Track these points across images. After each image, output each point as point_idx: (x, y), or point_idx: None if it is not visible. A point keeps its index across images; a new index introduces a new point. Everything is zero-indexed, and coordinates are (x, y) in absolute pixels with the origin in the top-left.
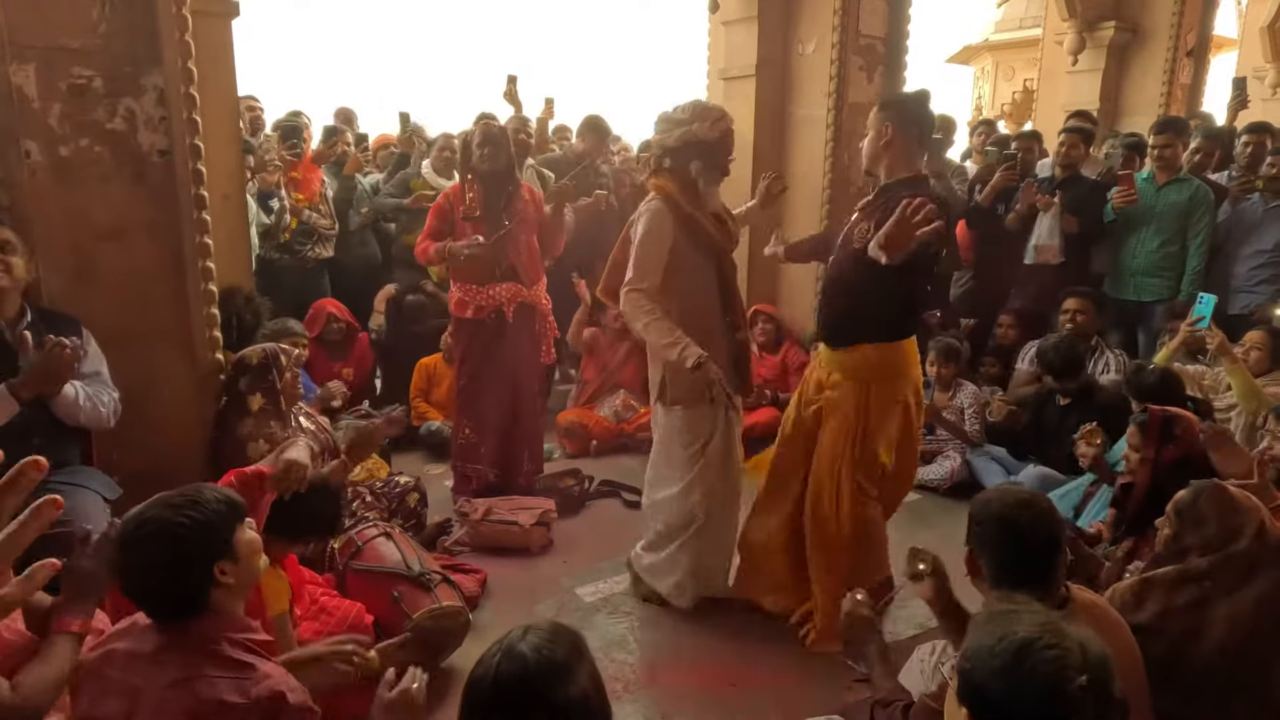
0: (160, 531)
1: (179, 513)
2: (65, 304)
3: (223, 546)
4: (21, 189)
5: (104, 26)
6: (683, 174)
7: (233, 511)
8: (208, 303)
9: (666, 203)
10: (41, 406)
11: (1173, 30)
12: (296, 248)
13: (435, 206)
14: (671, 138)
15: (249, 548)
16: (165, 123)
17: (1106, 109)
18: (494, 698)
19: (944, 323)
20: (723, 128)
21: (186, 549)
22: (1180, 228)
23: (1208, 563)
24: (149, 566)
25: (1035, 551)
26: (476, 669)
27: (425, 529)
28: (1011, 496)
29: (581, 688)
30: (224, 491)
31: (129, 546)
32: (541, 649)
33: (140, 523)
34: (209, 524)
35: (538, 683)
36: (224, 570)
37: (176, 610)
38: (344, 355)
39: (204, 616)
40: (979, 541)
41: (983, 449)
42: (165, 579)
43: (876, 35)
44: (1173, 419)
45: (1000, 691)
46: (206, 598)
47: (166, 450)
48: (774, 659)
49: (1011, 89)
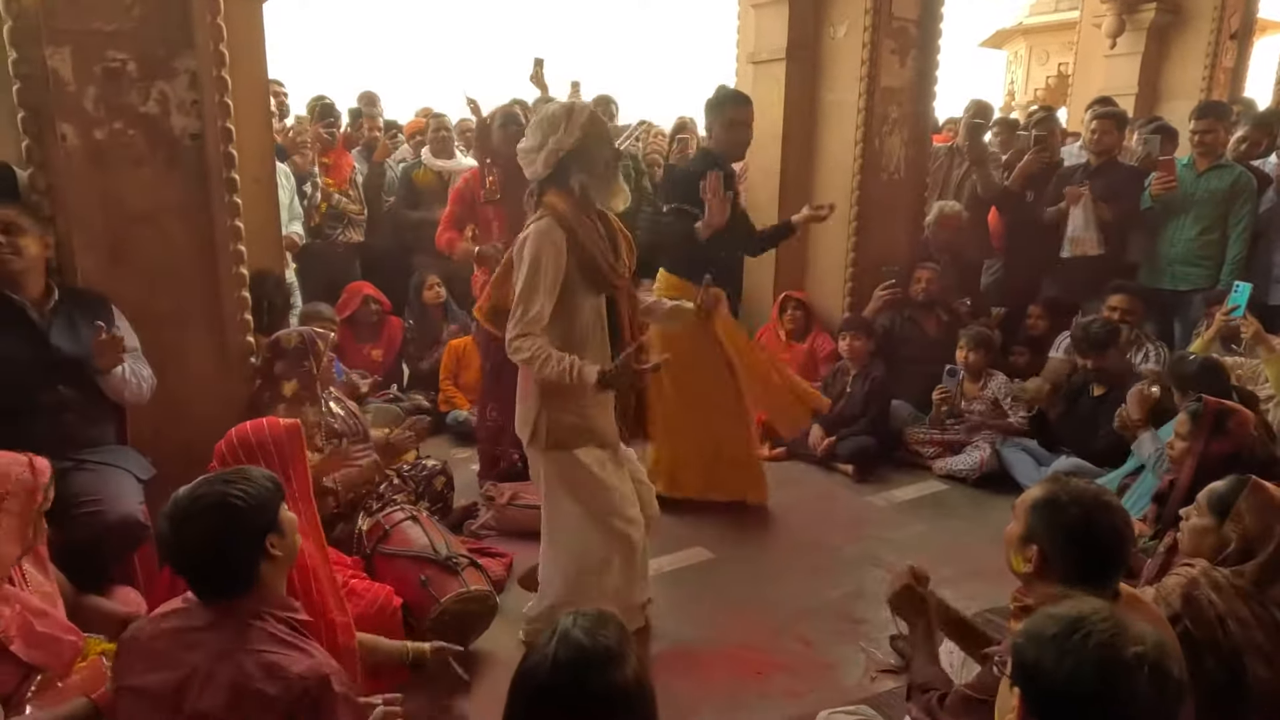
0: (217, 505)
1: (233, 487)
2: (98, 285)
3: (273, 520)
4: (57, 171)
5: (137, 10)
6: (567, 191)
7: (278, 489)
8: (239, 286)
9: (555, 218)
10: (76, 386)
11: (1216, 12)
12: (327, 232)
13: (455, 192)
14: (539, 164)
15: (291, 524)
16: (197, 106)
17: (1145, 93)
18: (552, 685)
19: (974, 311)
20: (579, 125)
21: (243, 521)
22: (1221, 215)
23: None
24: (206, 539)
25: (1114, 551)
26: (530, 657)
27: (452, 512)
28: (1089, 497)
29: (634, 671)
30: (266, 472)
31: (184, 521)
32: (596, 634)
33: (195, 497)
34: (261, 498)
35: (594, 668)
36: (274, 544)
37: (227, 585)
38: (374, 338)
39: (250, 594)
40: (1055, 543)
41: (1015, 440)
42: (221, 551)
43: (910, 18)
44: (1227, 412)
45: (1053, 664)
46: (257, 571)
47: (198, 431)
48: (797, 648)
49: (1045, 73)
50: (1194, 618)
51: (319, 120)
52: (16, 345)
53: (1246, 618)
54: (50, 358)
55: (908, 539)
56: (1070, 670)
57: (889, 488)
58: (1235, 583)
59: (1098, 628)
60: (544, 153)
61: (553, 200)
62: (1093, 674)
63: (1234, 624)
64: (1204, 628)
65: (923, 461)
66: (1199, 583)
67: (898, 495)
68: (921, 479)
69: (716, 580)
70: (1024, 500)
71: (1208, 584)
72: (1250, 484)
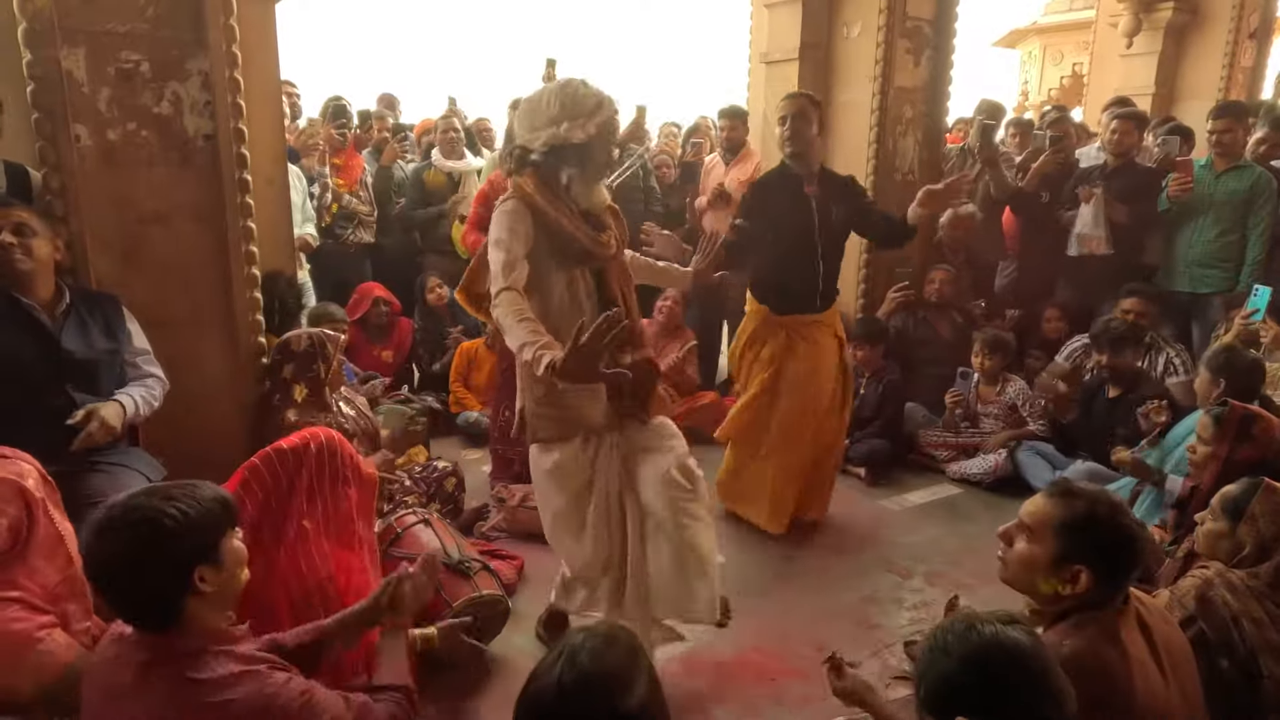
0: (145, 520)
1: (171, 504)
2: (111, 286)
3: (206, 549)
4: (71, 172)
5: (151, 11)
6: (550, 175)
7: (225, 513)
8: (250, 286)
9: (524, 201)
10: (87, 388)
11: (1235, 11)
12: (338, 232)
13: (480, 194)
14: (538, 140)
15: (235, 557)
16: (210, 107)
17: (1162, 94)
18: (558, 709)
19: (989, 314)
20: (598, 124)
21: (167, 545)
22: (1240, 216)
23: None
24: (124, 558)
25: (1138, 555)
26: (536, 679)
27: (463, 514)
28: (1111, 506)
29: (644, 692)
30: (219, 491)
31: (106, 531)
32: (604, 656)
33: (128, 508)
34: (198, 522)
35: (601, 693)
36: (203, 577)
37: (145, 617)
38: (385, 339)
39: (179, 630)
40: (1106, 560)
41: (1030, 444)
42: (138, 576)
43: (924, 17)
44: (1253, 417)
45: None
46: (181, 606)
47: (209, 432)
48: (810, 653)
49: (1060, 73)
50: (1209, 619)
51: (331, 121)
52: (27, 348)
53: (1261, 618)
54: (61, 360)
55: (920, 543)
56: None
57: (902, 491)
58: (1250, 584)
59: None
60: (549, 132)
61: (522, 183)
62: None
63: (1249, 624)
64: (1219, 629)
65: (936, 465)
66: (1214, 584)
67: (911, 499)
68: (935, 482)
69: (728, 584)
70: (1042, 520)
71: (1223, 585)
72: (1264, 486)
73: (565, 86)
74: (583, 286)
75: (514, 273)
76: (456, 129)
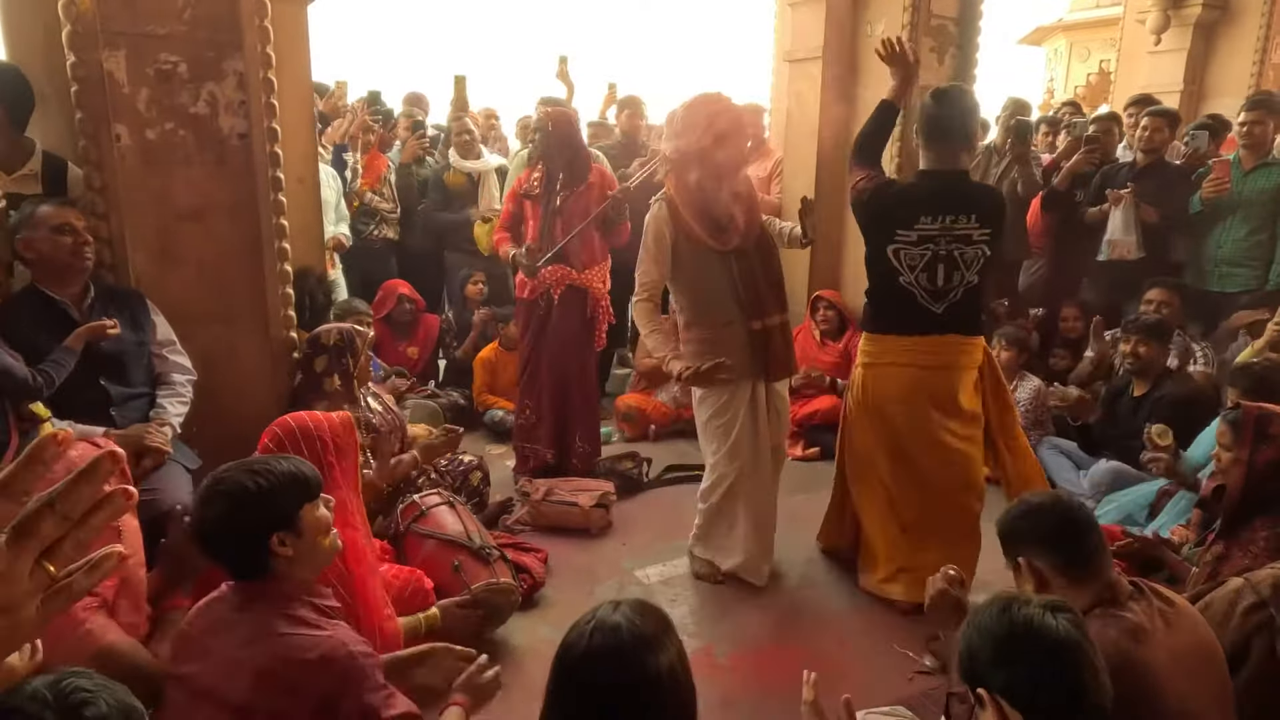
0: (229, 492)
1: (253, 478)
2: (149, 282)
3: (283, 518)
4: (111, 171)
5: (189, 13)
6: (682, 179)
7: (302, 486)
8: (283, 282)
9: (668, 205)
10: (118, 380)
11: (1266, 6)
12: (360, 228)
13: (510, 192)
14: (669, 148)
15: (316, 525)
16: (244, 106)
17: (1191, 91)
18: (587, 666)
19: (1011, 312)
20: (715, 134)
21: (246, 514)
22: (1270, 214)
23: None
24: (216, 523)
25: (1062, 520)
26: (569, 638)
27: (488, 507)
28: (1029, 508)
29: (671, 659)
30: (299, 466)
31: (203, 502)
32: (634, 620)
33: (218, 479)
34: (273, 494)
35: (630, 652)
36: (283, 540)
37: (242, 570)
38: (410, 335)
39: (269, 580)
40: (1030, 541)
41: (1052, 442)
42: (225, 538)
43: (949, 15)
44: (1268, 417)
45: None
46: (266, 564)
47: (242, 424)
48: (835, 647)
49: (1086, 70)
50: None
51: (367, 107)
52: (59, 343)
53: None
54: (91, 355)
55: None
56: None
57: None
58: None
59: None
60: (672, 145)
61: (669, 185)
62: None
63: None
64: None
65: None
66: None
67: None
68: None
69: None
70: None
71: None
72: None
73: (688, 104)
74: (717, 270)
75: (646, 279)
76: (470, 130)
